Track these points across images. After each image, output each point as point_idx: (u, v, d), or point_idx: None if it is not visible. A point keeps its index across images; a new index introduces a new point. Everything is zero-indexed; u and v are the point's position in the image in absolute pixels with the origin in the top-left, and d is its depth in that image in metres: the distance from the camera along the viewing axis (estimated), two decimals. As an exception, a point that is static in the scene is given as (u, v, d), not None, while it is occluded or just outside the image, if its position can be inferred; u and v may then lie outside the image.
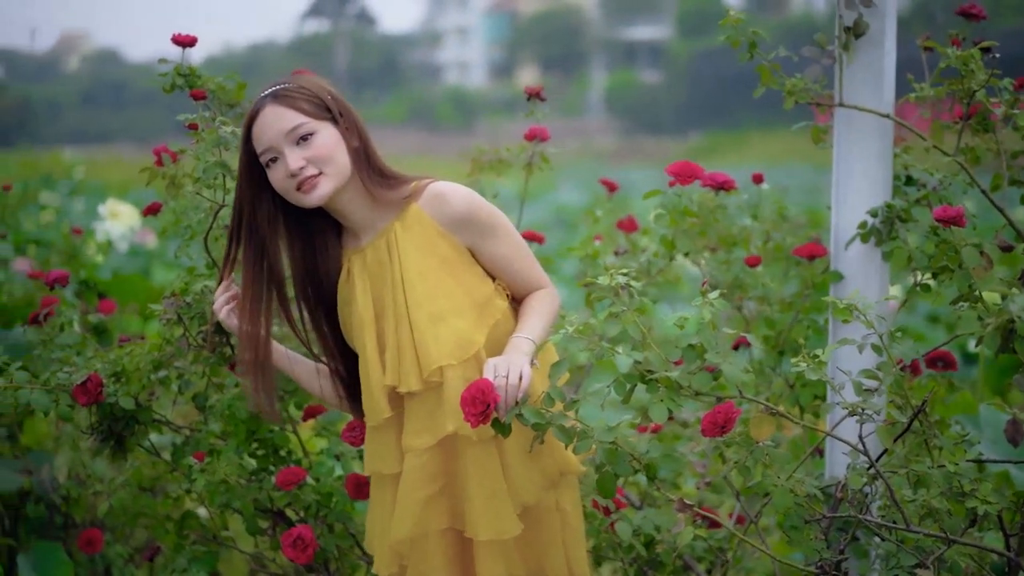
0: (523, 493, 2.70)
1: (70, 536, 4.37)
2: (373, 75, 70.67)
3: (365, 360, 2.74)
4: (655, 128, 54.54)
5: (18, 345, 4.46)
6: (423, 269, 2.67)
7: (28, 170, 20.53)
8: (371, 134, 2.79)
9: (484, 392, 2.42)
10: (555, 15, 71.83)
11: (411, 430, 2.69)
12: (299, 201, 2.68)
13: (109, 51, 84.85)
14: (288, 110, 2.64)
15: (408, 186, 2.75)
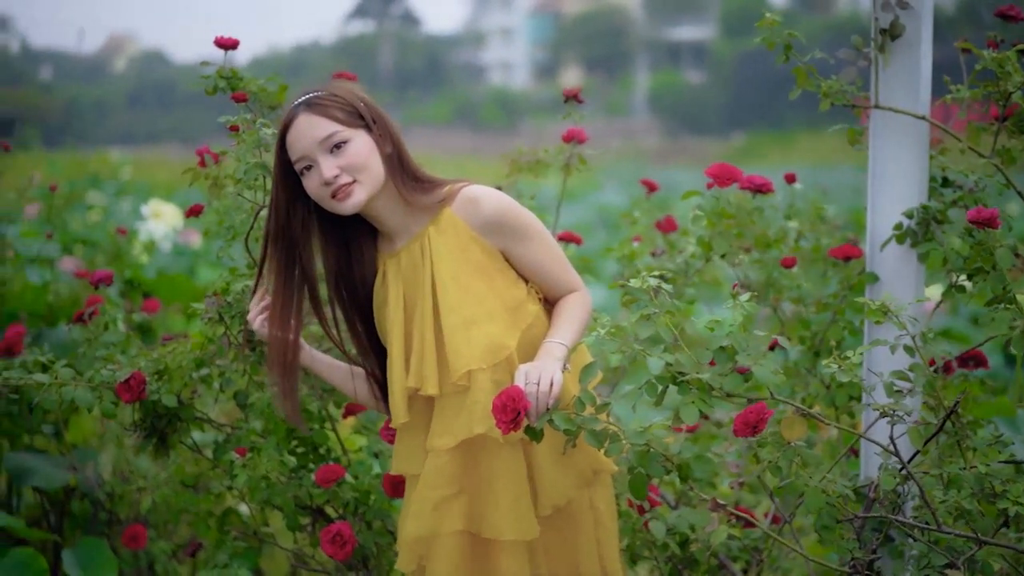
0: (555, 494, 2.72)
1: (114, 532, 4.42)
2: (417, 76, 70.80)
3: (391, 362, 2.77)
4: (699, 128, 54.39)
5: (63, 343, 4.52)
6: (456, 273, 2.69)
7: (75, 170, 20.74)
8: (415, 136, 2.82)
9: (515, 399, 2.44)
10: (599, 15, 71.71)
11: (435, 431, 2.72)
12: (334, 208, 2.70)
13: (155, 52, 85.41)
14: (321, 118, 2.67)
15: (442, 190, 2.77)
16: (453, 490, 2.70)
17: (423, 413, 2.77)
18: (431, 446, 2.71)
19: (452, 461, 2.69)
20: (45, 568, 3.75)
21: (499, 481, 2.68)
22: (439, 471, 2.69)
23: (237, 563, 3.36)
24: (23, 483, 4.20)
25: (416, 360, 2.72)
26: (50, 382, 3.07)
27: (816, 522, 2.65)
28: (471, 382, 2.65)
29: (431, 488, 2.70)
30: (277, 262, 2.83)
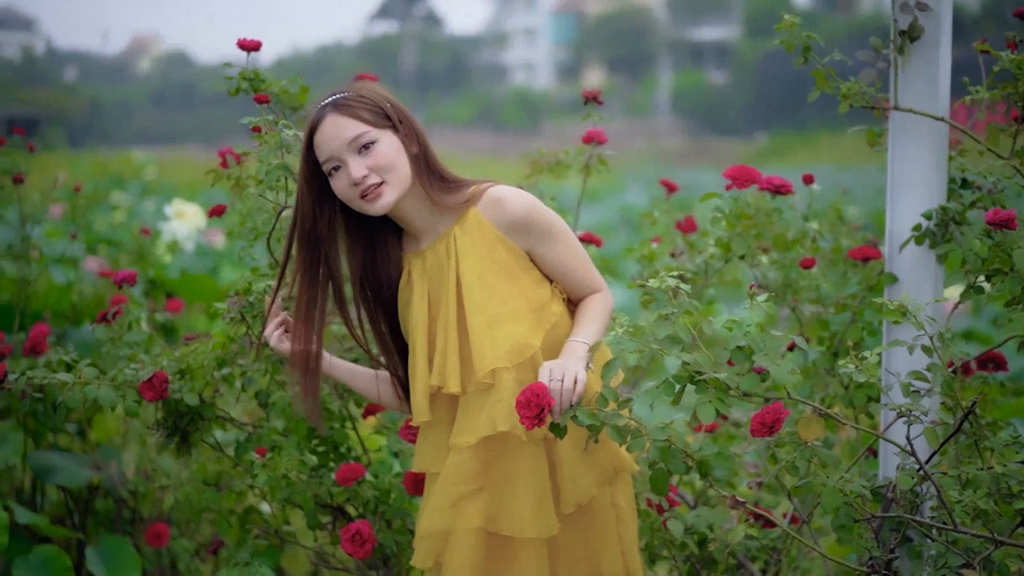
0: (577, 491, 2.74)
1: (137, 530, 4.45)
2: (440, 76, 70.89)
3: (414, 361, 2.79)
4: (722, 129, 54.30)
5: (87, 342, 4.56)
6: (482, 273, 2.71)
7: (99, 171, 20.85)
8: (437, 136, 2.84)
9: (539, 395, 2.45)
10: (622, 16, 71.65)
11: (458, 429, 2.74)
12: (363, 209, 2.72)
13: (179, 53, 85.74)
14: (349, 119, 2.69)
15: (467, 190, 2.78)
16: (473, 487, 2.71)
17: (446, 411, 2.79)
18: (454, 443, 2.73)
19: (474, 458, 2.70)
20: (69, 566, 3.78)
21: (521, 479, 2.70)
22: (460, 468, 2.71)
23: (258, 561, 3.39)
24: (47, 481, 4.23)
25: (439, 359, 2.73)
26: (74, 381, 3.09)
27: (833, 521, 2.66)
28: (495, 380, 2.67)
29: (451, 484, 2.71)
30: (303, 262, 2.84)
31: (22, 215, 4.75)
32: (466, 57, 77.80)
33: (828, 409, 2.63)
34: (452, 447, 2.73)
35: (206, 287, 6.08)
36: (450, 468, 2.72)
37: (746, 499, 3.23)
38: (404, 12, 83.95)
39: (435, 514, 2.73)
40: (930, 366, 2.67)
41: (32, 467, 4.22)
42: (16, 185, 4.58)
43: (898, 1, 2.90)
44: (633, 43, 68.37)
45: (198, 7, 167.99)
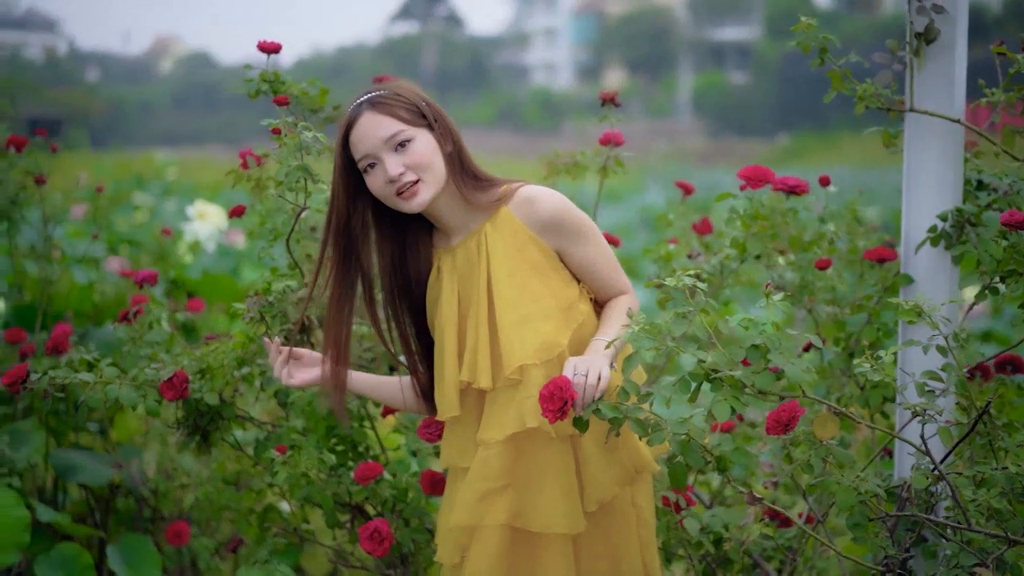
0: (600, 489, 2.76)
1: (158, 528, 4.48)
2: (461, 76, 70.94)
3: (443, 356, 2.81)
4: (743, 129, 54.23)
5: (109, 342, 4.59)
6: (512, 271, 2.74)
7: (121, 171, 20.94)
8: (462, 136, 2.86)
9: (562, 389, 2.47)
10: (642, 16, 71.56)
11: (486, 424, 2.75)
12: (398, 206, 2.75)
13: (201, 54, 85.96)
14: (386, 117, 2.71)
15: (499, 189, 2.81)
16: (500, 483, 2.73)
17: (474, 407, 2.82)
18: (482, 439, 2.75)
19: (501, 454, 2.72)
20: (90, 563, 3.81)
21: (549, 474, 2.72)
22: (488, 464, 2.73)
23: (277, 560, 3.41)
24: (69, 480, 4.26)
25: (470, 354, 2.76)
26: (95, 380, 3.12)
27: (848, 520, 2.67)
28: (524, 377, 2.69)
29: (479, 480, 2.73)
30: (337, 260, 2.86)
31: (44, 216, 4.78)
32: (487, 58, 77.84)
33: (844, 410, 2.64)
34: (480, 442, 2.75)
35: (227, 287, 6.11)
36: (478, 464, 2.74)
37: (752, 517, 3.25)
38: (425, 13, 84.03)
39: (463, 509, 2.75)
40: (945, 366, 2.69)
41: (54, 466, 4.26)
42: (38, 186, 4.62)
43: (914, 4, 2.91)
44: (654, 43, 68.31)
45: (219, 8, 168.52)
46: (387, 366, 3.39)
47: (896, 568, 2.75)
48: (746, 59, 66.66)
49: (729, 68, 68.29)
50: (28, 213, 4.73)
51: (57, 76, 60.95)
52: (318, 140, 3.07)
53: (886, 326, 3.39)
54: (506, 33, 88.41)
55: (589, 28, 75.78)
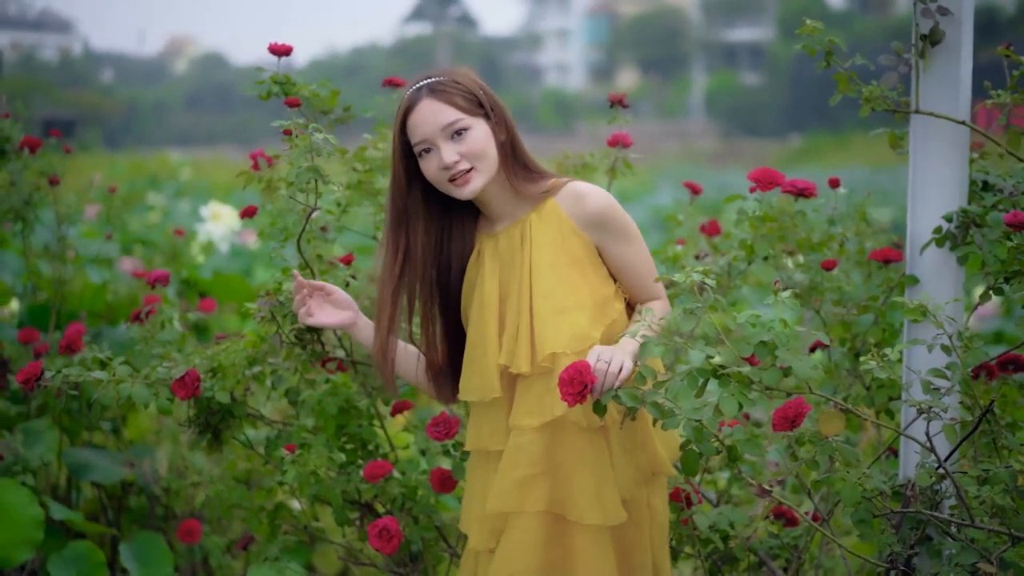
0: (620, 486, 2.78)
1: (170, 526, 4.52)
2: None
3: (482, 339, 2.84)
4: (755, 130, 54.13)
5: (122, 341, 4.63)
6: (553, 262, 2.77)
7: (135, 171, 21.01)
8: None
9: (581, 373, 2.50)
10: (655, 17, 71.51)
11: (519, 410, 2.78)
12: (450, 192, 2.80)
13: (215, 55, 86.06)
14: (445, 105, 2.76)
15: (548, 181, 2.86)
16: (537, 470, 2.76)
17: (505, 391, 2.83)
18: (515, 424, 2.78)
19: (536, 441, 2.75)
20: (102, 561, 3.84)
21: (581, 464, 2.75)
22: (523, 450, 2.76)
23: (288, 558, 3.44)
24: (82, 478, 4.30)
25: (509, 339, 2.79)
26: (108, 379, 3.15)
27: (852, 516, 2.70)
28: (555, 365, 2.72)
29: (515, 467, 2.76)
30: (393, 237, 2.91)
31: (58, 216, 4.82)
32: (499, 58, 77.76)
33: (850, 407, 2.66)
34: (513, 428, 2.78)
35: (238, 287, 6.14)
36: (512, 451, 2.77)
37: (762, 507, 3.26)
38: (438, 13, 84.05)
39: (501, 496, 2.77)
40: (949, 365, 2.70)
41: (67, 464, 4.29)
42: (52, 187, 4.65)
43: (919, 6, 2.92)
44: (666, 44, 68.27)
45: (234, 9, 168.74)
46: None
47: (901, 565, 2.77)
48: (758, 60, 66.57)
49: (741, 69, 68.22)
50: (42, 214, 4.77)
51: (71, 77, 61.10)
52: (328, 142, 3.10)
53: (892, 326, 3.41)
54: (519, 34, 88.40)
55: (602, 29, 75.76)
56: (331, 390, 3.33)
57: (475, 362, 2.85)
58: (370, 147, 3.50)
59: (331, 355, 3.40)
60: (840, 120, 43.14)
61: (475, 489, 2.93)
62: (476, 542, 2.87)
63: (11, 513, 3.72)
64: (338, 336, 3.41)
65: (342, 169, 3.50)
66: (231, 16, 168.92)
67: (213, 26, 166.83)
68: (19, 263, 5.39)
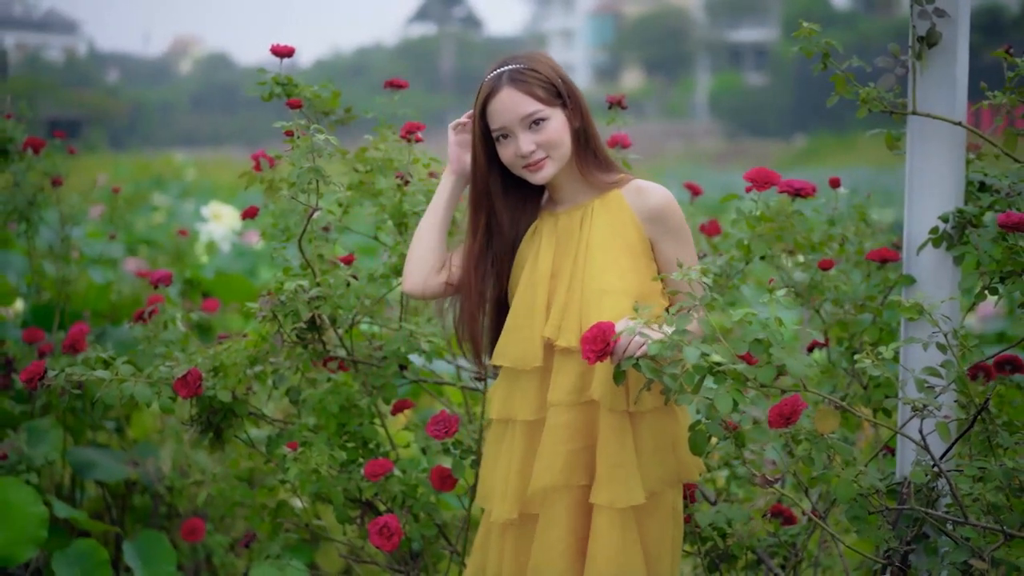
0: (648, 479, 2.80)
1: (173, 525, 4.55)
2: (479, 78, 70.69)
3: (528, 310, 2.87)
4: (760, 130, 54.11)
5: (126, 341, 4.66)
6: (608, 245, 2.82)
7: (140, 172, 21.04)
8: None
9: (605, 332, 2.53)
10: (659, 17, 71.47)
11: (560, 386, 2.81)
12: (523, 176, 2.87)
13: (220, 55, 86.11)
14: (525, 96, 2.81)
15: (616, 175, 2.92)
16: (581, 444, 2.79)
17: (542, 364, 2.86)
18: (556, 401, 2.80)
19: (578, 417, 2.79)
20: (106, 559, 3.87)
21: (602, 446, 2.77)
22: (567, 427, 2.79)
23: (290, 556, 3.46)
24: (86, 477, 4.32)
25: (557, 313, 2.83)
26: (111, 378, 3.17)
27: (847, 512, 2.72)
28: None
29: (562, 442, 2.79)
30: (475, 216, 2.97)
31: (62, 216, 4.84)
32: (504, 59, 77.72)
33: (845, 405, 2.68)
34: (553, 404, 2.81)
35: (241, 287, 6.17)
36: (557, 427, 2.80)
37: (763, 500, 3.28)
38: (443, 14, 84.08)
39: (547, 472, 2.79)
40: (944, 363, 2.73)
41: (71, 463, 4.32)
42: (55, 187, 4.68)
43: (917, 8, 2.94)
44: (671, 44, 68.24)
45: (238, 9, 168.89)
46: (397, 365, 3.43)
47: (897, 562, 2.79)
48: (763, 60, 66.53)
49: (746, 69, 68.17)
50: (46, 214, 4.79)
51: (76, 77, 61.14)
52: (329, 143, 3.12)
53: (890, 326, 3.42)
54: (523, 34, 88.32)
55: (606, 29, 75.72)
56: (332, 389, 3.35)
57: (517, 331, 2.89)
58: (371, 148, 3.52)
59: (332, 354, 3.42)
60: (844, 121, 43.11)
61: (496, 460, 2.95)
62: (500, 514, 2.88)
63: (15, 511, 3.75)
64: (339, 335, 3.43)
65: (343, 169, 3.52)
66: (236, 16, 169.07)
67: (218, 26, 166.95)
68: (23, 263, 5.41)
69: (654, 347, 2.47)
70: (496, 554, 2.93)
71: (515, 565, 2.89)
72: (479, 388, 3.56)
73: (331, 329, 3.40)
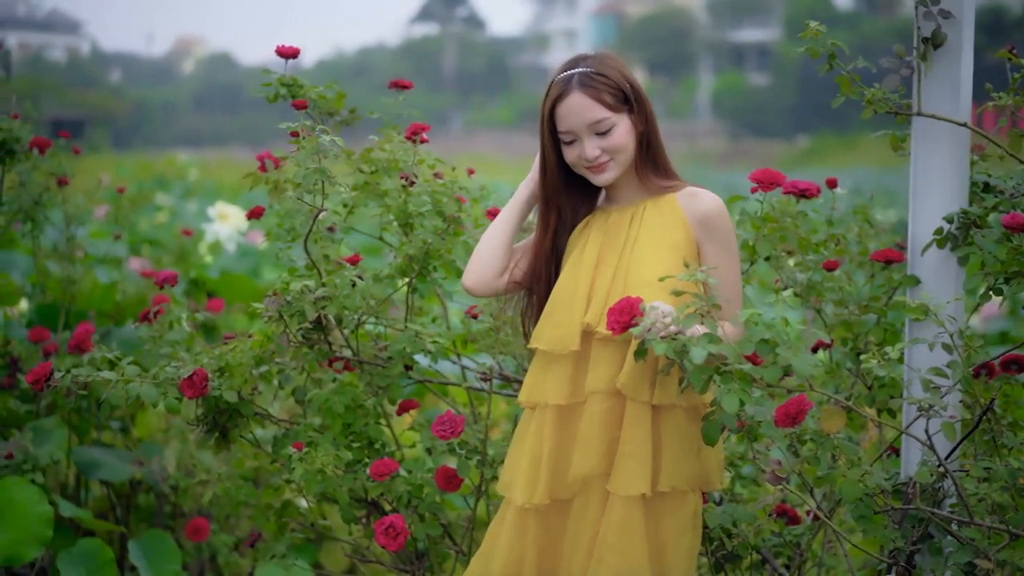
0: (673, 475, 2.80)
1: (178, 524, 4.56)
2: (481, 78, 70.89)
3: (570, 296, 2.89)
4: (762, 131, 54.09)
5: (130, 341, 4.66)
6: (656, 243, 2.84)
7: (143, 172, 21.04)
8: (477, 138, 3.12)
9: (633, 306, 2.53)
10: (662, 17, 71.43)
11: (598, 375, 2.82)
12: (587, 176, 2.92)
13: (223, 54, 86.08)
14: (594, 103, 2.84)
15: (673, 181, 2.95)
16: (619, 434, 2.79)
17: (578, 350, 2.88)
18: (595, 389, 2.81)
19: (617, 406, 2.79)
20: (111, 558, 3.88)
21: (622, 434, 2.78)
22: (608, 414, 2.80)
23: (295, 555, 3.46)
24: (91, 476, 4.34)
25: (598, 301, 2.84)
26: (117, 379, 3.18)
27: (853, 512, 2.73)
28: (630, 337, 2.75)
29: (603, 429, 2.80)
30: (544, 208, 3.01)
31: (67, 216, 4.85)
32: (507, 59, 77.76)
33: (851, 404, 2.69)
34: (592, 392, 2.82)
35: (246, 287, 6.18)
36: (598, 414, 2.80)
37: (771, 497, 3.28)
38: (445, 14, 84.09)
39: (589, 458, 2.81)
40: (950, 363, 2.73)
41: (76, 462, 4.33)
42: (61, 187, 4.68)
43: (921, 9, 2.95)
44: (673, 45, 68.20)
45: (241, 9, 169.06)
46: (402, 365, 3.43)
47: (903, 562, 2.80)
48: (766, 60, 66.50)
49: (749, 69, 68.13)
50: (51, 214, 4.80)
51: (80, 77, 61.16)
52: (335, 144, 3.13)
53: (893, 326, 3.43)
54: (526, 34, 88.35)
55: (608, 29, 75.68)
56: (338, 389, 3.36)
57: (556, 315, 2.91)
58: (376, 149, 3.53)
59: (338, 354, 3.43)
60: (847, 121, 43.07)
61: (525, 444, 2.95)
62: (523, 498, 2.88)
63: (21, 511, 3.76)
64: (345, 336, 3.44)
65: (348, 170, 3.52)
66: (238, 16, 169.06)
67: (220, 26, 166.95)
68: (28, 263, 5.42)
69: (660, 347, 2.47)
70: (509, 539, 2.91)
71: (535, 551, 2.89)
72: (484, 389, 3.57)
73: (337, 329, 3.40)
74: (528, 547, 2.89)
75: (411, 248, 3.40)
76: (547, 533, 2.90)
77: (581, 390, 2.85)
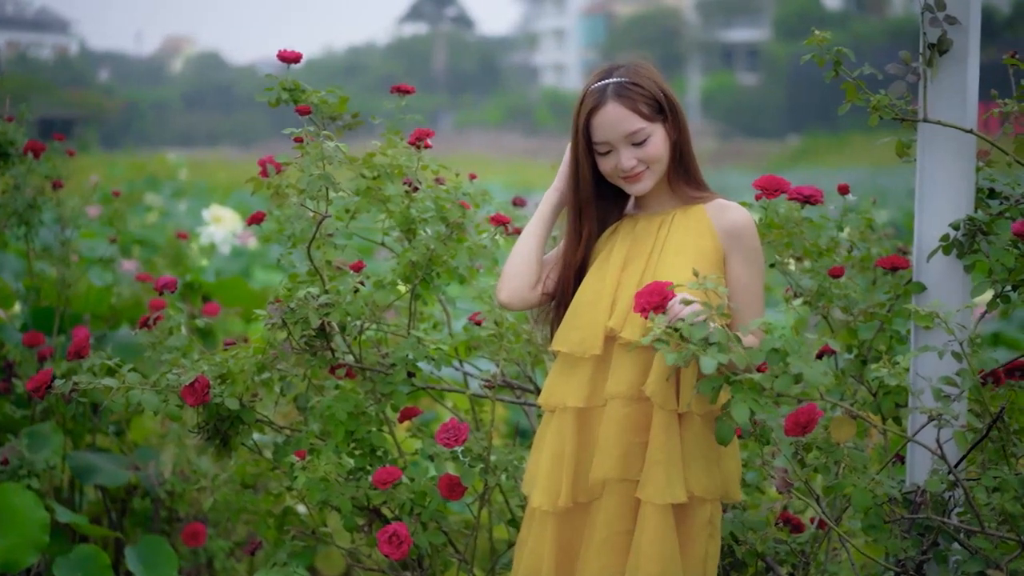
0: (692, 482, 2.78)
1: (174, 530, 4.54)
2: (471, 77, 70.96)
3: (594, 299, 2.89)
4: (753, 131, 54.21)
5: (126, 345, 4.63)
6: (683, 250, 2.84)
7: (133, 172, 21.01)
8: (467, 137, 3.09)
9: (662, 291, 2.51)
10: (652, 17, 71.53)
11: (619, 379, 2.81)
12: (621, 186, 2.93)
13: (212, 54, 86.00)
14: (630, 113, 2.85)
15: (704, 192, 2.96)
16: (639, 439, 2.79)
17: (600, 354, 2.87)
18: (615, 393, 2.81)
19: (639, 411, 2.78)
20: (107, 564, 3.86)
21: (651, 441, 2.76)
22: (628, 419, 2.79)
23: (294, 561, 3.44)
24: (86, 481, 4.31)
25: (623, 307, 2.83)
26: (118, 386, 3.15)
27: (864, 521, 2.71)
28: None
29: (623, 433, 2.79)
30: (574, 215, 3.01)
31: (61, 219, 4.82)
32: (496, 58, 77.83)
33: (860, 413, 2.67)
34: (612, 396, 2.81)
35: (239, 290, 6.15)
36: (619, 419, 2.79)
37: (776, 503, 3.27)
38: (435, 13, 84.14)
39: (608, 462, 2.80)
40: (960, 371, 2.72)
41: (71, 467, 4.31)
42: (55, 190, 4.66)
43: (927, 15, 2.93)
44: (663, 45, 68.17)
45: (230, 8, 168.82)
46: (405, 372, 3.41)
47: (911, 571, 2.78)
48: (755, 60, 66.64)
49: (738, 69, 68.28)
50: (44, 216, 4.77)
51: (68, 76, 61.08)
52: (339, 150, 3.10)
53: (898, 333, 3.41)
54: (516, 34, 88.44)
55: (598, 29, 75.76)
56: (340, 396, 3.34)
57: (579, 318, 2.90)
58: (378, 153, 3.50)
59: (340, 361, 3.41)
60: (838, 120, 43.15)
61: (545, 447, 2.94)
62: (542, 501, 2.88)
63: (17, 516, 3.74)
64: (347, 342, 3.42)
65: (350, 175, 3.50)
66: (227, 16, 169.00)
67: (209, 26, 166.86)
68: (20, 265, 5.40)
69: (671, 357, 2.45)
70: (535, 543, 2.91)
71: (555, 553, 2.88)
72: (488, 395, 3.55)
73: (339, 336, 3.38)
74: (547, 548, 2.88)
75: (414, 254, 3.38)
76: (566, 535, 2.90)
77: (600, 394, 2.84)
